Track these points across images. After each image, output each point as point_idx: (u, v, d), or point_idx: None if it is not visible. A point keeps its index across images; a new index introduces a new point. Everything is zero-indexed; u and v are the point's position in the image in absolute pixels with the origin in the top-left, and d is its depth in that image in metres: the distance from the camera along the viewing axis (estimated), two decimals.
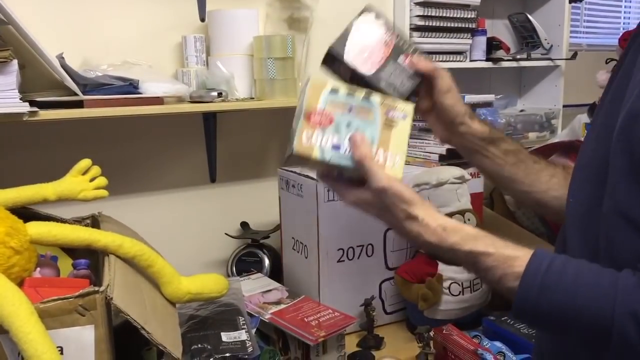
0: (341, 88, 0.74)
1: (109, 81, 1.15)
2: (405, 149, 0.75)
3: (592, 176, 0.73)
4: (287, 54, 1.34)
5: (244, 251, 1.45)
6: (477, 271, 0.70)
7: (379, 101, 0.74)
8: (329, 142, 0.72)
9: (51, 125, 1.24)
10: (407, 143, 0.75)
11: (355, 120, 0.73)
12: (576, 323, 0.62)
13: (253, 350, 0.95)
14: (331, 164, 0.72)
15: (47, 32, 1.20)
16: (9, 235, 0.74)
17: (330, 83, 0.74)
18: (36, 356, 0.64)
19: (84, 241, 0.82)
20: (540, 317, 0.65)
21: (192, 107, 1.25)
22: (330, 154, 0.72)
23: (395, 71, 0.80)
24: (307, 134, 0.72)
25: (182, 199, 1.48)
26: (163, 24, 1.38)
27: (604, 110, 0.78)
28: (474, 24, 1.73)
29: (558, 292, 0.62)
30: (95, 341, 0.73)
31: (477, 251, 0.68)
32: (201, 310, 1.05)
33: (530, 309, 0.64)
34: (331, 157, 0.72)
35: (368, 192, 0.73)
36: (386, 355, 1.14)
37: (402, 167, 0.74)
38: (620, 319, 0.58)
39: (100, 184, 1.00)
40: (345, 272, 1.24)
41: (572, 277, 0.62)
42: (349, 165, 0.72)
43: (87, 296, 0.72)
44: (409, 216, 0.71)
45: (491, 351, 1.04)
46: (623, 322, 0.58)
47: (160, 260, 0.87)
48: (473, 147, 0.88)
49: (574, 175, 0.80)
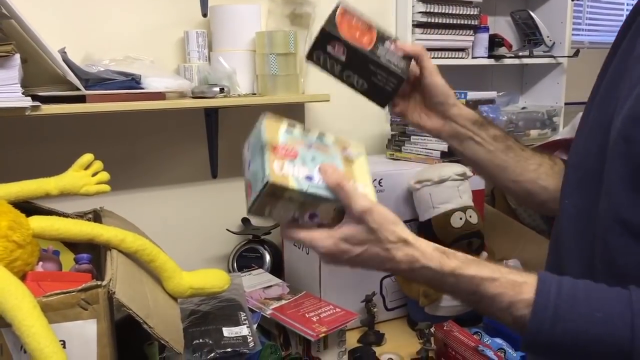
0: (296, 127, 0.70)
1: (111, 76, 1.15)
2: (370, 181, 0.71)
3: (586, 177, 0.71)
4: (289, 49, 1.34)
5: (245, 247, 1.46)
6: (480, 298, 0.64)
7: (333, 140, 0.72)
8: (301, 173, 0.66)
9: (53, 119, 1.24)
10: (370, 177, 0.71)
11: (318, 154, 0.69)
12: (594, 350, 0.58)
13: (254, 346, 0.95)
14: (309, 193, 0.65)
15: (50, 26, 1.20)
16: (11, 229, 0.74)
17: (285, 122, 0.70)
18: (39, 349, 0.64)
19: (87, 235, 0.82)
20: (554, 347, 0.60)
21: (194, 102, 1.25)
22: (306, 184, 0.65)
23: (387, 52, 0.79)
24: (278, 164, 0.65)
25: (184, 194, 1.48)
26: (165, 19, 1.38)
27: (596, 103, 0.76)
28: (477, 20, 1.73)
29: (572, 320, 0.59)
30: (97, 335, 0.73)
31: (482, 276, 0.63)
32: (202, 305, 1.05)
33: (544, 340, 0.60)
34: (308, 187, 0.65)
35: (350, 221, 0.66)
36: (387, 351, 1.15)
37: (374, 196, 0.69)
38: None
39: (102, 179, 1.00)
40: (346, 268, 1.24)
41: (585, 303, 0.59)
42: (326, 195, 0.66)
43: (90, 290, 0.72)
44: (400, 239, 0.64)
45: (492, 347, 1.04)
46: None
47: (162, 255, 0.87)
48: (465, 133, 0.87)
49: (567, 175, 0.78)
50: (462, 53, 1.75)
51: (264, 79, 1.35)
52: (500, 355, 1.04)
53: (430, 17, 1.64)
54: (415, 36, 1.64)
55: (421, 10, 1.62)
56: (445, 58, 1.71)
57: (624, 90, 0.67)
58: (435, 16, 1.65)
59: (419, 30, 1.64)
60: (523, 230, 1.45)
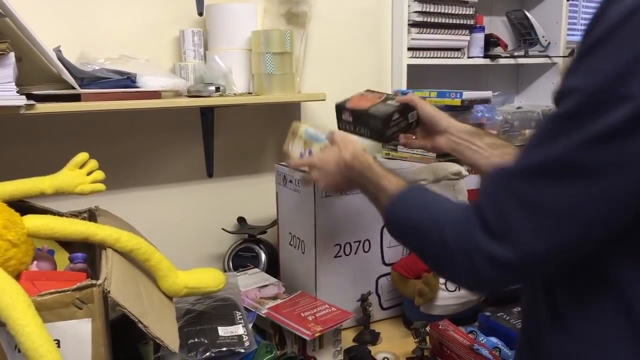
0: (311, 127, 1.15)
1: (106, 75, 1.14)
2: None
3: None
4: (285, 48, 1.34)
5: (241, 246, 1.45)
6: (376, 187, 0.84)
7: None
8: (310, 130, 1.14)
9: (48, 118, 1.24)
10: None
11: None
12: (420, 231, 0.70)
13: (250, 345, 0.95)
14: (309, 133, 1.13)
15: (45, 25, 1.19)
16: (6, 228, 0.74)
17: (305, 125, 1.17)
18: (33, 349, 0.64)
19: (81, 234, 0.82)
20: (398, 223, 0.76)
21: (189, 101, 1.25)
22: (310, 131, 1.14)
23: (382, 106, 1.05)
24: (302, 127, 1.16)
25: (179, 193, 1.48)
26: (161, 18, 1.37)
27: None
28: (472, 20, 1.73)
29: (410, 204, 0.75)
30: (92, 334, 0.73)
31: (385, 170, 0.86)
32: (198, 304, 1.05)
33: (392, 217, 0.78)
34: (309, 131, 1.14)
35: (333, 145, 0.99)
36: (382, 350, 1.15)
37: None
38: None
39: (97, 178, 1.00)
40: (342, 267, 1.25)
41: (425, 197, 0.75)
42: (318, 136, 1.11)
43: (85, 289, 0.72)
44: (349, 146, 0.95)
45: (487, 346, 1.05)
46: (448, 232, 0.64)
47: (157, 254, 0.87)
48: (462, 143, 0.99)
49: None
50: (458, 53, 1.76)
51: (259, 78, 1.35)
52: (495, 354, 1.04)
53: (426, 17, 1.64)
54: (411, 35, 1.64)
55: (417, 9, 1.62)
56: (441, 58, 1.72)
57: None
58: (431, 16, 1.65)
59: (415, 30, 1.64)
60: None
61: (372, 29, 1.67)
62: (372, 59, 1.69)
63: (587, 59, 0.53)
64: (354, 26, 1.64)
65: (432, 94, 1.43)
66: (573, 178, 0.53)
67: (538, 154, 0.56)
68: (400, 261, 1.26)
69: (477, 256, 0.59)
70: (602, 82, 0.51)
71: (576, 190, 0.53)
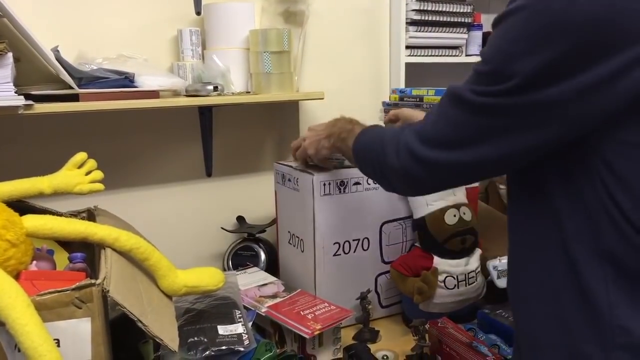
0: None
1: (105, 74, 1.14)
2: None
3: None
4: (283, 47, 1.34)
5: (240, 245, 1.46)
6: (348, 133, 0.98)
7: None
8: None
9: (46, 118, 1.24)
10: None
11: None
12: (369, 153, 0.87)
13: (249, 343, 0.95)
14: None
15: (43, 25, 1.20)
16: (5, 228, 0.74)
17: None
18: (32, 348, 0.64)
19: (80, 234, 0.82)
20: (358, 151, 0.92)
21: (188, 101, 1.25)
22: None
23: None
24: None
25: (178, 193, 1.48)
26: (159, 17, 1.38)
27: None
28: (470, 18, 1.74)
29: (364, 135, 0.92)
30: (91, 333, 0.73)
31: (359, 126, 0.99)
32: (197, 303, 1.05)
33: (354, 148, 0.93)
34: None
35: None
36: (382, 348, 1.15)
37: None
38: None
39: (96, 178, 1.00)
40: (341, 265, 1.25)
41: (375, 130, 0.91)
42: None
43: (84, 289, 0.72)
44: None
45: (486, 343, 1.05)
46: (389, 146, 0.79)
47: (156, 254, 0.87)
48: None
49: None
50: (456, 51, 1.76)
51: (257, 77, 1.35)
52: (494, 351, 1.05)
53: (423, 15, 1.64)
54: (408, 34, 1.64)
55: (415, 8, 1.62)
56: (439, 56, 1.72)
57: None
58: (429, 14, 1.65)
59: (413, 28, 1.64)
60: None
61: (370, 27, 1.67)
62: (370, 57, 1.69)
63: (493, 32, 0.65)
64: (352, 25, 1.65)
65: (430, 92, 1.43)
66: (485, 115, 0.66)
67: (466, 91, 0.67)
68: (399, 259, 1.26)
69: (403, 148, 0.75)
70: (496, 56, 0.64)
71: (481, 124, 0.67)
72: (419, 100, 1.46)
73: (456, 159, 0.69)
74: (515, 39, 0.61)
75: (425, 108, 1.37)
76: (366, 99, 1.69)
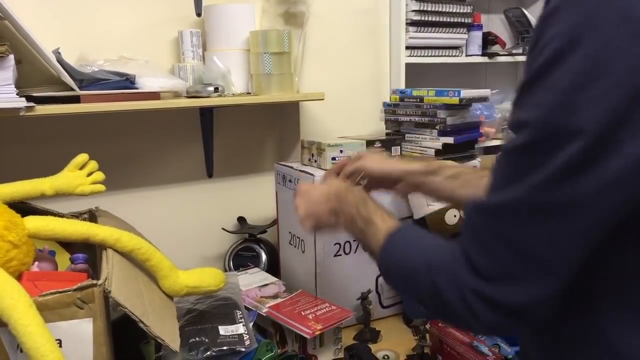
0: None
1: (106, 76, 1.15)
2: None
3: None
4: (283, 48, 1.34)
5: (241, 246, 1.46)
6: (366, 226, 0.78)
7: None
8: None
9: (48, 120, 1.24)
10: None
11: None
12: (409, 276, 0.68)
13: (250, 344, 0.96)
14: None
15: (44, 27, 1.20)
16: (7, 229, 0.75)
17: None
18: (35, 348, 0.64)
19: (82, 235, 0.83)
20: (388, 267, 0.73)
21: (188, 102, 1.25)
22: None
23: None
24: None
25: (179, 194, 1.49)
26: (159, 19, 1.38)
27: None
28: (470, 18, 1.74)
29: (399, 249, 0.71)
30: (93, 334, 0.73)
31: (374, 209, 0.80)
32: (199, 304, 1.05)
33: (383, 261, 0.73)
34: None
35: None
36: (383, 348, 1.15)
37: None
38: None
39: (97, 179, 1.01)
40: (341, 266, 1.25)
41: (414, 240, 0.71)
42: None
43: (85, 289, 0.72)
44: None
45: (486, 343, 1.05)
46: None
47: (157, 254, 0.88)
48: (421, 185, 0.96)
49: None
50: (456, 51, 1.76)
51: (258, 78, 1.35)
52: (495, 350, 1.05)
53: (423, 16, 1.64)
54: (409, 34, 1.65)
55: (415, 8, 1.63)
56: (439, 56, 1.72)
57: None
58: (429, 14, 1.65)
59: (413, 29, 1.65)
60: None
61: (370, 28, 1.68)
62: (370, 58, 1.69)
63: (532, 89, 0.52)
64: (352, 25, 1.65)
65: (431, 93, 1.44)
66: (544, 215, 0.52)
67: (505, 193, 0.55)
68: None
69: (472, 300, 0.57)
70: (548, 114, 0.50)
71: (551, 227, 0.52)
72: (420, 101, 1.47)
73: (544, 291, 0.55)
74: (574, 87, 0.49)
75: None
76: (367, 99, 1.69)
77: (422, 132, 1.46)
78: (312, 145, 1.29)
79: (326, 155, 1.24)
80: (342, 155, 1.25)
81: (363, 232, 0.79)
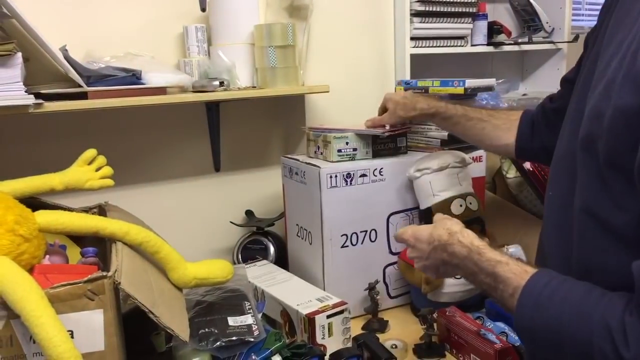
0: None
1: (112, 72, 1.16)
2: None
3: (567, 169, 0.71)
4: (288, 42, 1.35)
5: (249, 239, 1.47)
6: (494, 280, 0.70)
7: None
8: None
9: (56, 116, 1.26)
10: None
11: None
12: (564, 341, 0.60)
13: (259, 334, 0.97)
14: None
15: (50, 25, 1.21)
16: (18, 224, 0.76)
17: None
18: (47, 339, 0.65)
19: (92, 229, 0.84)
20: (534, 332, 0.64)
21: (195, 96, 1.26)
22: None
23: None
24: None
25: (187, 188, 1.50)
26: (164, 15, 1.39)
27: (576, 90, 0.76)
28: (475, 8, 1.73)
29: (548, 308, 0.61)
30: (104, 325, 0.74)
31: (497, 259, 0.70)
32: (208, 296, 1.06)
33: (526, 324, 0.64)
34: None
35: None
36: (391, 337, 1.16)
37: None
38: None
39: (106, 174, 1.02)
40: (349, 257, 1.26)
41: (564, 298, 0.61)
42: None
43: (96, 281, 0.73)
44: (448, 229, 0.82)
45: (494, 331, 1.05)
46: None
47: (166, 247, 0.89)
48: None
49: (553, 166, 0.79)
50: (461, 41, 1.76)
51: (263, 71, 1.36)
52: (503, 338, 1.05)
53: (428, 6, 1.64)
54: (413, 25, 1.64)
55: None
56: (444, 47, 1.72)
57: (595, 79, 0.66)
58: (433, 5, 1.65)
59: (417, 20, 1.64)
60: (524, 215, 1.46)
61: (374, 19, 1.68)
62: (375, 49, 1.69)
63: None
64: (356, 17, 1.65)
65: (436, 83, 1.43)
66: None
67: None
68: (406, 250, 1.27)
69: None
70: None
71: None
72: (425, 92, 1.46)
73: None
74: None
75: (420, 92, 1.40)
76: (372, 91, 1.69)
77: (428, 123, 1.46)
78: (318, 138, 1.29)
79: (332, 147, 1.25)
80: (347, 147, 1.25)
81: (491, 289, 0.71)
